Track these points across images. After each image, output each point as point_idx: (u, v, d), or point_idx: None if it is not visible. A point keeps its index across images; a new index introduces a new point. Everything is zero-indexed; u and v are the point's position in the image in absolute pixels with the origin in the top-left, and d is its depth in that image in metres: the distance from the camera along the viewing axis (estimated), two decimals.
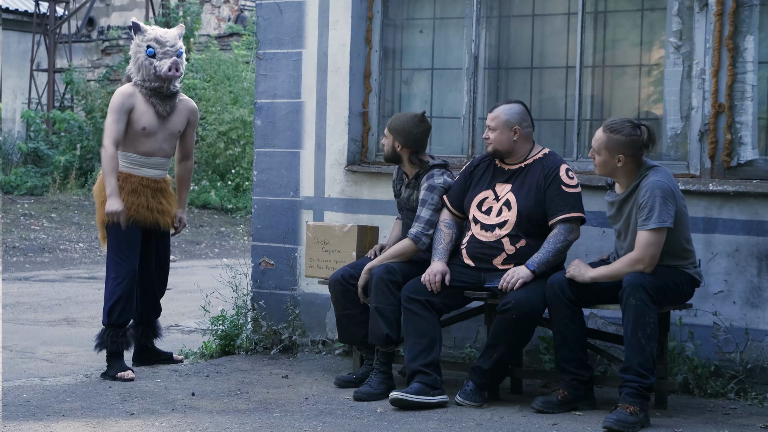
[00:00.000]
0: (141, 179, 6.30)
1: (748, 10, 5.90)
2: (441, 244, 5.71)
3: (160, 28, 6.40)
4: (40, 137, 20.39)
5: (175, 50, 6.31)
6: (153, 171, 6.34)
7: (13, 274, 12.03)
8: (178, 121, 6.42)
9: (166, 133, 6.36)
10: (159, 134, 6.33)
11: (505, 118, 5.64)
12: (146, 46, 6.28)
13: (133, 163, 6.29)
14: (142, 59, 6.28)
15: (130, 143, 6.28)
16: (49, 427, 5.00)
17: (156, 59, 6.25)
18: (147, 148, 6.30)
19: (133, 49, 6.37)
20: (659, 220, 5.14)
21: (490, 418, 5.27)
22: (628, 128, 5.26)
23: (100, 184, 6.36)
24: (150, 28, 6.32)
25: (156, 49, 6.27)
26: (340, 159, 6.84)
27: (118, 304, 6.17)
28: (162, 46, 6.28)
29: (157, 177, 6.38)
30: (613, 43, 6.41)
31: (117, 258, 6.21)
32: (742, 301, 5.85)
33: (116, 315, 6.17)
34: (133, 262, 6.22)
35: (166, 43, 6.29)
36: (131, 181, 6.27)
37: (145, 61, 6.26)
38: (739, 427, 5.17)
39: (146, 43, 6.29)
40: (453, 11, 6.78)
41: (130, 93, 6.29)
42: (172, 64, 6.24)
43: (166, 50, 6.28)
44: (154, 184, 6.35)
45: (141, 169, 6.29)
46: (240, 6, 24.51)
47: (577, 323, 5.34)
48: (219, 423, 5.11)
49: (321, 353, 6.85)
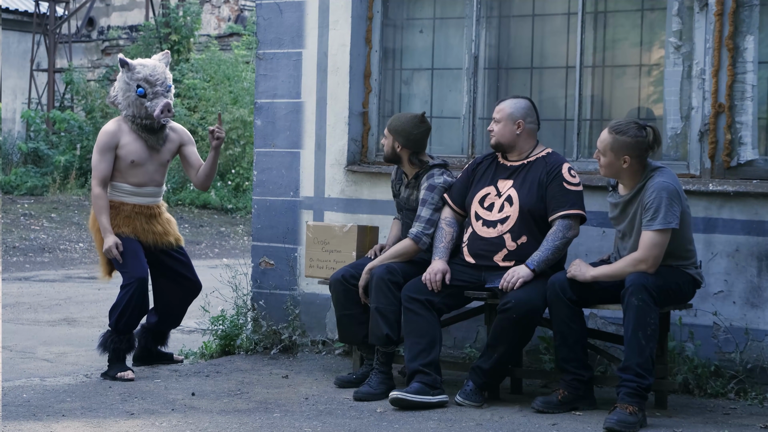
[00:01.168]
0: (134, 206, 6.31)
1: (748, 10, 5.90)
2: (442, 243, 5.71)
3: (148, 63, 6.31)
4: (40, 137, 20.40)
5: (165, 88, 6.27)
6: (145, 199, 6.36)
7: (13, 274, 12.03)
8: (168, 151, 6.42)
9: (156, 164, 6.36)
10: (149, 165, 6.33)
11: (510, 111, 5.65)
12: (136, 85, 6.22)
13: (124, 192, 6.30)
14: (133, 98, 6.23)
15: (121, 175, 6.28)
16: (49, 427, 5.00)
17: (147, 99, 6.21)
18: (137, 179, 6.30)
19: (121, 84, 6.30)
20: (665, 221, 5.14)
21: (490, 418, 5.27)
22: (634, 129, 5.26)
23: (93, 217, 6.35)
24: (138, 65, 6.25)
25: (146, 89, 6.21)
26: (340, 159, 6.84)
27: (125, 312, 6.14)
28: (152, 86, 6.22)
29: (150, 204, 6.38)
30: (613, 43, 6.41)
31: (123, 269, 6.20)
32: (742, 301, 5.85)
33: (123, 323, 6.17)
34: (138, 269, 6.18)
35: (156, 82, 6.23)
36: (124, 209, 6.28)
37: (136, 100, 6.22)
38: (739, 427, 5.17)
39: (136, 82, 6.22)
40: (453, 11, 6.78)
41: (115, 131, 6.25)
42: (164, 107, 6.20)
43: (156, 90, 6.23)
44: (148, 210, 6.36)
45: (133, 197, 6.30)
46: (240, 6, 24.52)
47: (577, 323, 5.34)
48: (219, 423, 5.11)
49: (321, 353, 6.85)
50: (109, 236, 6.16)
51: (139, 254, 6.24)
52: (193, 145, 6.55)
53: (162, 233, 6.38)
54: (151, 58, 6.43)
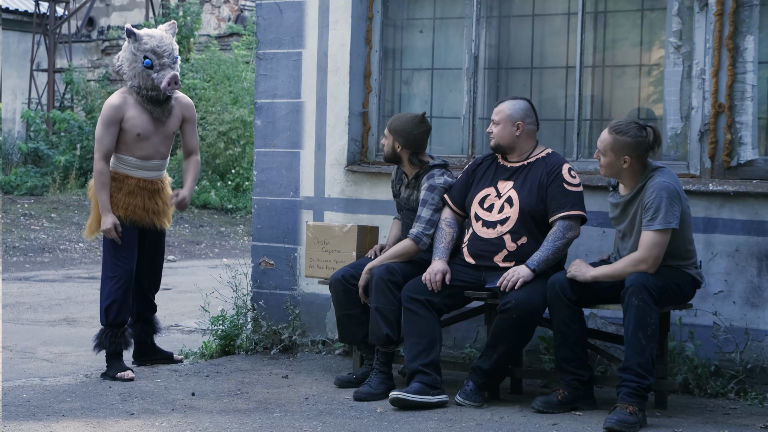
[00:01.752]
0: (138, 180, 6.29)
1: (748, 10, 5.90)
2: (442, 243, 5.71)
3: (155, 34, 6.24)
4: (40, 137, 20.40)
5: (172, 60, 6.23)
6: (150, 173, 6.33)
7: (13, 274, 12.03)
8: (174, 123, 6.39)
9: (161, 136, 6.33)
10: (154, 138, 6.30)
11: (509, 112, 5.65)
12: (143, 56, 6.17)
13: (129, 165, 6.27)
14: (139, 69, 6.19)
15: (126, 148, 6.26)
16: (49, 427, 5.00)
17: (154, 71, 6.17)
18: (143, 152, 6.28)
19: (127, 54, 6.25)
20: (665, 221, 5.14)
21: (490, 418, 5.27)
22: (634, 130, 5.25)
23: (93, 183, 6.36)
24: (145, 35, 6.19)
25: (153, 60, 6.17)
26: (340, 159, 6.84)
27: (114, 304, 6.17)
28: (159, 57, 6.18)
29: (154, 178, 6.37)
30: (613, 43, 6.41)
31: (114, 259, 6.20)
32: (742, 301, 5.85)
33: (113, 315, 6.17)
34: (130, 262, 6.22)
35: (163, 53, 6.19)
36: (128, 182, 6.26)
37: (143, 72, 6.18)
38: (739, 427, 5.17)
39: (143, 53, 6.18)
40: (453, 11, 6.77)
41: (120, 104, 6.21)
42: (171, 79, 6.16)
43: (163, 62, 6.19)
44: (151, 185, 6.34)
45: (138, 171, 6.28)
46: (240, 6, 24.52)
47: (577, 323, 5.34)
48: (219, 423, 5.11)
49: (321, 353, 6.85)
50: (108, 216, 6.15)
51: (134, 247, 6.25)
52: (194, 122, 6.50)
53: (160, 212, 6.37)
54: (158, 29, 6.37)
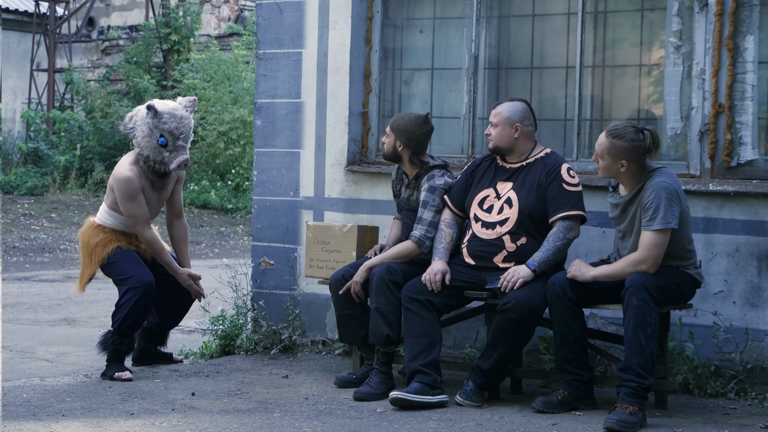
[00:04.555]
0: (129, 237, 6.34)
1: (748, 10, 5.90)
2: (442, 244, 5.71)
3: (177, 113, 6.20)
4: (40, 137, 20.40)
5: (186, 142, 6.25)
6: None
7: (13, 274, 12.03)
8: (170, 187, 6.46)
9: (159, 201, 6.42)
10: (154, 204, 6.37)
11: (507, 114, 5.65)
12: (159, 134, 6.17)
13: (125, 224, 6.31)
14: (154, 144, 6.18)
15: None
16: (49, 427, 5.00)
17: (167, 150, 6.19)
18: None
19: (143, 126, 6.21)
20: (664, 221, 5.14)
21: (490, 418, 5.27)
22: (631, 133, 5.25)
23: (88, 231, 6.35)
24: (166, 114, 6.16)
25: (168, 140, 6.18)
26: (340, 159, 6.84)
27: (130, 315, 6.13)
28: (175, 139, 6.19)
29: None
30: (613, 43, 6.41)
31: (130, 272, 6.17)
32: (742, 301, 5.85)
33: (127, 326, 6.15)
34: (145, 274, 6.18)
35: (180, 136, 6.20)
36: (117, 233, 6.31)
37: (156, 148, 6.19)
38: (739, 427, 5.17)
39: (159, 131, 6.17)
40: (453, 11, 6.78)
41: (137, 174, 6.20)
42: (182, 162, 6.19)
43: (178, 144, 6.21)
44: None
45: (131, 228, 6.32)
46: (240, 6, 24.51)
47: (577, 323, 5.34)
48: (219, 423, 5.11)
49: (321, 353, 6.85)
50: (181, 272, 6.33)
51: (143, 262, 6.27)
52: (182, 182, 6.58)
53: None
54: (179, 103, 6.31)
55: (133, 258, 6.24)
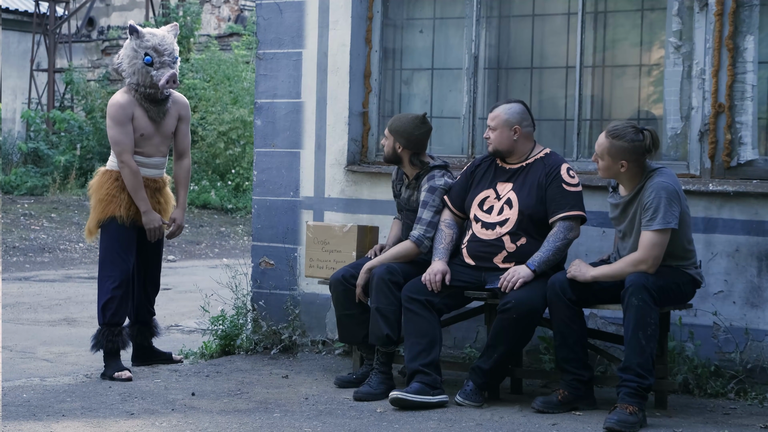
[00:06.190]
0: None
1: (748, 10, 5.90)
2: (441, 244, 5.71)
3: (158, 32, 6.31)
4: (40, 137, 20.39)
5: (172, 59, 6.27)
6: (151, 171, 6.36)
7: (13, 274, 12.03)
8: (171, 123, 6.43)
9: (161, 136, 6.37)
10: (155, 138, 6.34)
11: (506, 117, 5.65)
12: (144, 53, 6.22)
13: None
14: (139, 65, 6.22)
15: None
16: (49, 427, 5.00)
17: (153, 68, 6.21)
18: (145, 150, 6.31)
19: (128, 51, 6.29)
20: (664, 221, 5.14)
21: (490, 418, 5.27)
22: (631, 134, 5.25)
23: (98, 180, 6.35)
24: (148, 33, 6.25)
25: (154, 57, 6.21)
26: (340, 159, 6.84)
27: (112, 302, 6.16)
28: (160, 55, 6.22)
29: (156, 176, 6.40)
30: (613, 43, 6.41)
31: (112, 258, 6.21)
32: (742, 301, 5.85)
33: (110, 314, 6.17)
34: (127, 262, 6.22)
35: (164, 52, 6.23)
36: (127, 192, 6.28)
37: (142, 68, 6.22)
38: (739, 427, 5.17)
39: (144, 50, 6.22)
40: (453, 11, 6.78)
41: (128, 102, 6.24)
42: (170, 78, 6.20)
43: (164, 60, 6.23)
44: (153, 183, 6.37)
45: (142, 168, 6.29)
46: (240, 6, 24.51)
47: (577, 323, 5.34)
48: (219, 423, 5.11)
49: (321, 353, 6.85)
50: (152, 213, 6.24)
51: (132, 247, 6.26)
52: (188, 122, 6.54)
53: (161, 210, 6.41)
54: (160, 29, 6.40)
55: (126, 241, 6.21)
